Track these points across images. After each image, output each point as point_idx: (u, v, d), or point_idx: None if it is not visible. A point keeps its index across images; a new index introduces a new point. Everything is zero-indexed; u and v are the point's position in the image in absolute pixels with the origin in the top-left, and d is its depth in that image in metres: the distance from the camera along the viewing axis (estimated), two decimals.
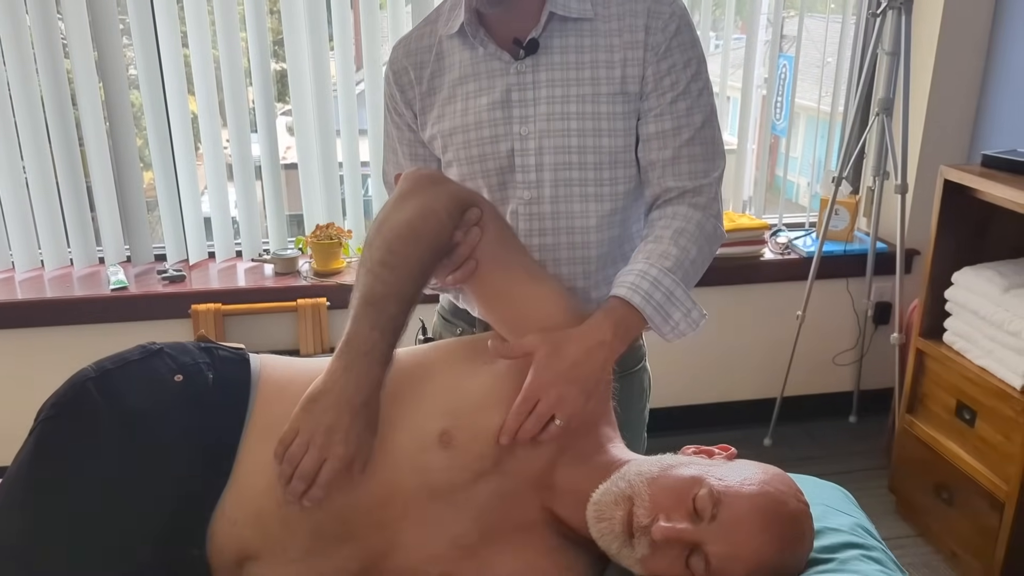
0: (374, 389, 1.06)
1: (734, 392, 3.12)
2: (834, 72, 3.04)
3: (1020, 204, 2.08)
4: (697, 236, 1.23)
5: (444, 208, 1.14)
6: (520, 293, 1.19)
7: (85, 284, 2.59)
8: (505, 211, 1.31)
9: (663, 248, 1.21)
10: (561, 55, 1.25)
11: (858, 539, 1.09)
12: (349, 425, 1.03)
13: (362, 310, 1.08)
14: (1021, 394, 2.08)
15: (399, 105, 1.37)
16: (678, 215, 1.25)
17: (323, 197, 2.79)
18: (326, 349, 2.64)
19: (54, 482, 1.03)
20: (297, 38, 2.61)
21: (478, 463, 1.08)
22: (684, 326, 1.19)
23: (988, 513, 2.20)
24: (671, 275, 1.18)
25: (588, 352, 1.11)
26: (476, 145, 1.28)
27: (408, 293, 1.10)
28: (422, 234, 1.12)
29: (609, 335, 1.13)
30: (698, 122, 1.26)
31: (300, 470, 1.02)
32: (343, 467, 1.03)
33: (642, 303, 1.16)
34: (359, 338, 1.06)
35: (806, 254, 2.93)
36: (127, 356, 1.12)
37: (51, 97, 2.49)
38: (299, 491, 1.03)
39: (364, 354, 1.06)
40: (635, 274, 1.18)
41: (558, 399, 1.08)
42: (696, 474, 1.01)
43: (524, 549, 1.10)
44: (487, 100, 1.27)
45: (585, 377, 1.10)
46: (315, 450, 1.02)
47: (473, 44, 1.27)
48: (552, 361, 1.09)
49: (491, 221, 1.19)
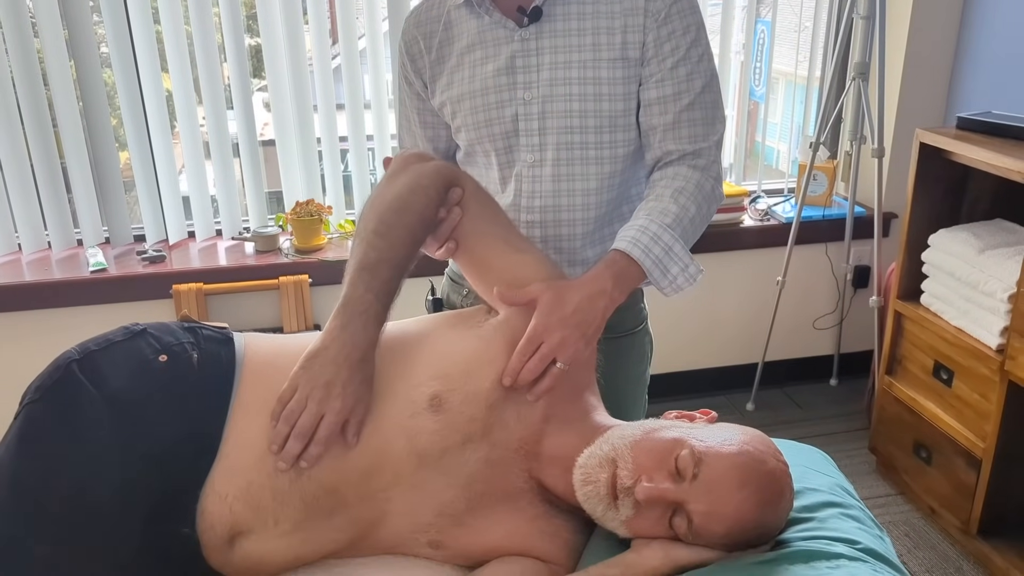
0: (370, 346, 1.09)
1: (716, 358, 3.15)
2: (811, 37, 3.04)
3: (995, 166, 2.10)
4: (696, 195, 1.28)
5: (431, 183, 1.19)
6: (501, 264, 1.22)
7: (64, 267, 2.57)
8: (511, 174, 1.36)
9: (663, 205, 1.26)
10: (563, 22, 1.29)
11: (837, 498, 1.12)
12: (347, 379, 1.06)
13: (357, 275, 1.12)
14: (997, 353, 2.11)
15: (410, 74, 1.42)
16: (678, 175, 1.30)
17: (302, 173, 2.77)
18: (310, 326, 2.64)
19: (40, 465, 1.03)
20: (271, 12, 2.58)
21: (469, 426, 1.10)
22: (682, 280, 1.24)
23: (965, 471, 2.25)
24: (670, 231, 1.23)
25: (590, 299, 1.16)
26: (483, 111, 1.33)
27: (399, 259, 1.14)
28: (411, 206, 1.17)
29: (610, 284, 1.18)
30: (698, 87, 1.31)
31: (298, 427, 1.04)
32: (341, 421, 1.05)
33: (641, 256, 1.20)
34: (355, 300, 1.10)
35: (785, 220, 2.95)
36: (111, 337, 1.13)
37: (22, 77, 2.45)
38: (295, 452, 1.04)
39: (360, 313, 1.09)
40: (635, 229, 1.23)
41: (560, 342, 1.12)
42: (678, 436, 1.03)
43: (510, 516, 1.12)
44: (492, 67, 1.32)
45: (587, 323, 1.15)
46: (313, 404, 1.05)
47: (479, 13, 1.32)
48: (555, 307, 1.14)
49: (472, 198, 1.24)
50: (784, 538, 1.04)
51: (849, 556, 0.98)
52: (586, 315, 1.15)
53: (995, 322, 2.12)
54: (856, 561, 0.98)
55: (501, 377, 1.11)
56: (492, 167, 1.38)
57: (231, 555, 1.07)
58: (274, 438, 1.05)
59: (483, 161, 1.40)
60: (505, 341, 1.14)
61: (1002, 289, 2.09)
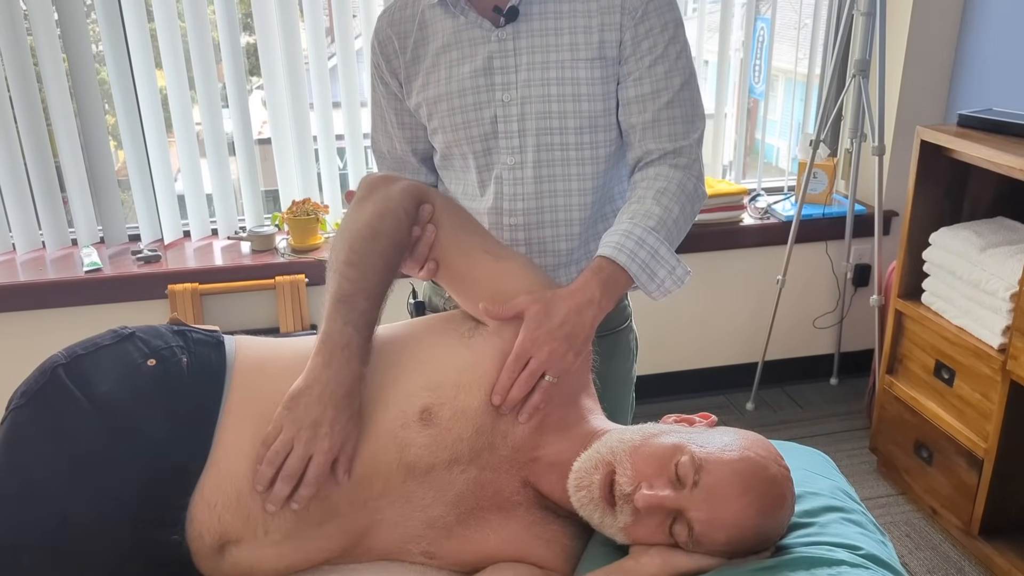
0: (355, 381, 1.06)
1: (716, 357, 3.14)
2: (810, 34, 3.02)
3: (996, 163, 2.08)
4: (679, 195, 1.26)
5: (400, 206, 1.16)
6: (483, 275, 1.19)
7: (58, 267, 2.55)
8: (490, 176, 1.34)
9: (646, 208, 1.23)
10: (540, 21, 1.28)
11: (838, 502, 1.10)
12: (334, 417, 1.03)
13: (333, 308, 1.09)
14: (998, 352, 2.10)
15: (385, 75, 1.39)
16: (660, 176, 1.27)
17: (298, 172, 2.75)
18: (306, 326, 2.62)
19: (26, 472, 1.01)
20: (267, 10, 2.56)
21: (456, 445, 1.08)
22: (669, 283, 1.23)
23: (967, 471, 2.23)
24: (655, 234, 1.21)
25: (578, 310, 1.14)
26: (460, 112, 1.31)
27: (374, 288, 1.11)
28: (381, 232, 1.14)
29: (597, 293, 1.16)
30: (677, 85, 1.29)
31: (286, 469, 1.02)
32: (330, 461, 1.03)
33: (628, 261, 1.19)
34: (334, 334, 1.07)
35: (785, 218, 2.93)
36: (98, 341, 1.11)
37: (15, 76, 2.43)
38: (283, 495, 1.02)
39: (342, 348, 1.06)
40: (620, 234, 1.20)
41: (549, 355, 1.10)
42: (677, 442, 1.01)
43: (506, 524, 1.10)
44: (469, 68, 1.30)
45: (575, 335, 1.13)
46: (300, 446, 1.02)
47: (454, 13, 1.30)
48: (543, 319, 1.12)
49: (444, 212, 1.21)
50: (785, 544, 1.02)
51: (851, 563, 0.97)
52: (574, 327, 1.13)
53: (997, 321, 2.10)
54: (858, 568, 0.96)
55: (490, 396, 1.09)
56: (470, 170, 1.36)
57: (221, 563, 1.05)
58: (258, 480, 1.02)
59: (460, 164, 1.38)
60: (496, 354, 1.11)
61: (1004, 288, 2.07)
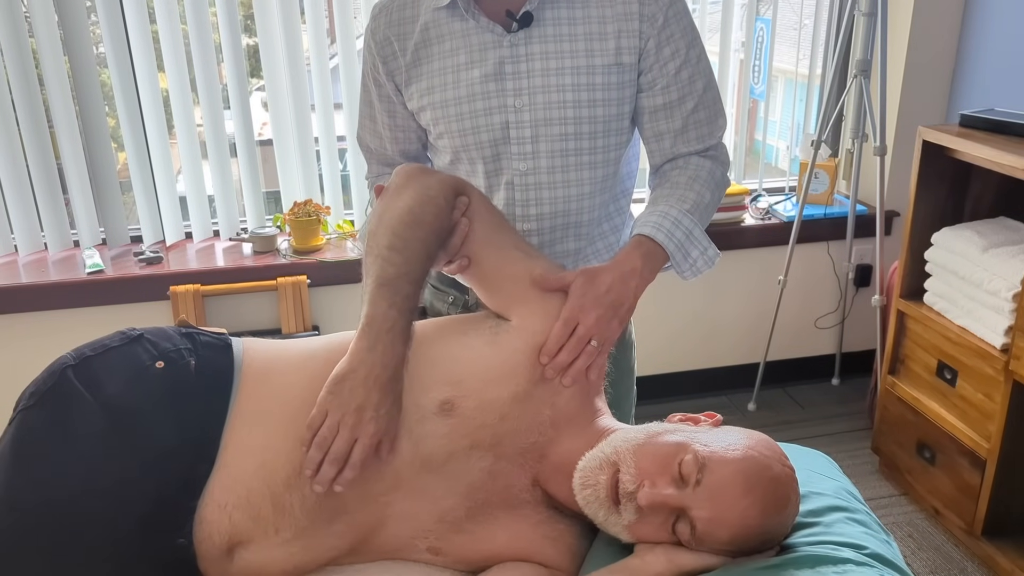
0: (399, 365, 1.07)
1: (717, 358, 3.14)
2: (811, 34, 3.02)
3: (998, 163, 2.08)
4: (709, 182, 1.33)
5: (439, 193, 1.17)
6: (515, 272, 1.20)
7: (61, 268, 2.55)
8: (500, 181, 1.34)
9: (680, 192, 1.30)
10: (554, 27, 1.27)
11: (843, 503, 1.10)
12: (379, 401, 1.04)
13: (377, 292, 1.09)
14: (1001, 353, 2.10)
15: (381, 76, 1.37)
16: (690, 164, 1.35)
17: (300, 173, 2.75)
18: (308, 327, 2.62)
19: (34, 473, 1.01)
20: (268, 12, 2.56)
21: (478, 432, 1.08)
22: (701, 263, 1.28)
23: (970, 471, 2.23)
24: (690, 216, 1.27)
25: (622, 279, 1.19)
26: (469, 117, 1.31)
27: (417, 273, 1.12)
28: (423, 218, 1.15)
29: (639, 264, 1.21)
30: (700, 88, 1.34)
31: (332, 452, 1.02)
32: (376, 444, 1.03)
33: (665, 240, 1.24)
34: (379, 317, 1.07)
35: (786, 219, 2.93)
36: (107, 343, 1.11)
37: (17, 78, 2.43)
38: (330, 476, 1.02)
39: (387, 331, 1.07)
40: (657, 214, 1.26)
41: (596, 321, 1.14)
42: (681, 440, 1.02)
43: (513, 522, 1.11)
44: (479, 73, 1.29)
45: (620, 303, 1.18)
46: (346, 430, 1.02)
47: (464, 16, 1.28)
48: (589, 288, 1.16)
49: (479, 207, 1.22)
50: (790, 543, 1.03)
51: (856, 561, 0.97)
52: (619, 295, 1.17)
53: (999, 321, 2.11)
54: (863, 566, 0.96)
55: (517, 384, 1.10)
56: (477, 175, 1.36)
57: (229, 566, 1.05)
58: (307, 463, 1.03)
59: (467, 169, 1.37)
60: (524, 347, 1.13)
61: (1006, 288, 2.08)
